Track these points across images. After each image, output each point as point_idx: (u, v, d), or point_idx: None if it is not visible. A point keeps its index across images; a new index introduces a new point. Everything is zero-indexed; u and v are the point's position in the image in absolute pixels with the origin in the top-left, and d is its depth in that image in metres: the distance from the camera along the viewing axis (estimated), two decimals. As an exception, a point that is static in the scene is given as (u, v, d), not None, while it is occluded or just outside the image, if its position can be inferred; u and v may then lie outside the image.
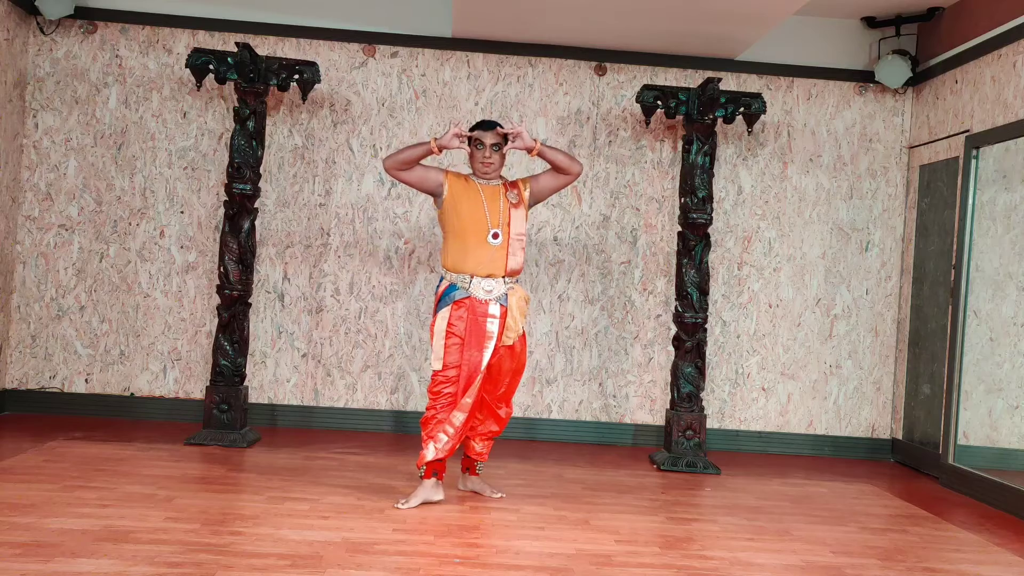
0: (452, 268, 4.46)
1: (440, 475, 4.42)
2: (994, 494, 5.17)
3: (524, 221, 4.53)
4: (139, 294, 6.21)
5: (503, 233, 4.43)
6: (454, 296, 4.41)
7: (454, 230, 4.47)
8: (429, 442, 4.34)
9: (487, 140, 4.49)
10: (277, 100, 6.22)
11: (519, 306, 4.51)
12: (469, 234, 4.43)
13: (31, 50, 6.18)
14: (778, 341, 6.47)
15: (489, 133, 4.50)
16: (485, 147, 4.49)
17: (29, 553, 3.33)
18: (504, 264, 4.45)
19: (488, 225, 4.43)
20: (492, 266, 4.43)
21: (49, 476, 4.47)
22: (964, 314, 5.60)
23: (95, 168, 6.19)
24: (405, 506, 4.31)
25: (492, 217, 4.45)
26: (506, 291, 4.46)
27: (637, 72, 6.41)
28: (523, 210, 4.54)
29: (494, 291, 4.43)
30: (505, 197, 4.50)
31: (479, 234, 4.42)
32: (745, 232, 6.45)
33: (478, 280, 4.41)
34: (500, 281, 4.44)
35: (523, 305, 4.54)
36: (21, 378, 6.18)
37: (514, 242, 4.47)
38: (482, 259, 4.42)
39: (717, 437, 6.38)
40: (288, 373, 6.27)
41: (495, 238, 4.42)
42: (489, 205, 4.46)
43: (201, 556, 3.41)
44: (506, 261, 4.45)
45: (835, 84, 6.50)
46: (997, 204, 5.64)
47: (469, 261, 4.42)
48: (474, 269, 4.42)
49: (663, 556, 3.83)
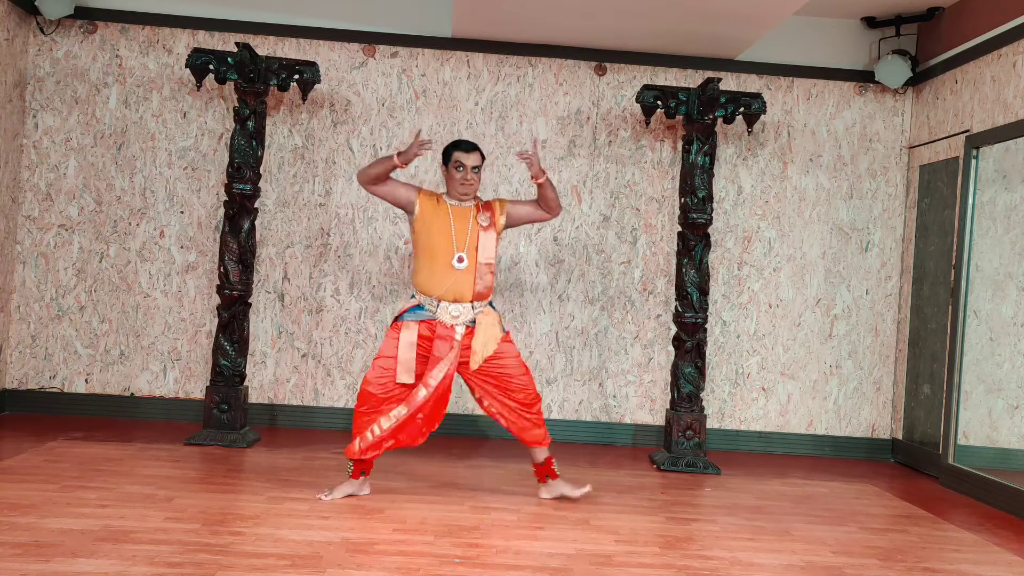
0: (420, 289, 4.42)
1: (367, 472, 4.45)
2: (994, 494, 5.17)
3: (494, 245, 4.45)
4: (139, 294, 6.21)
5: (469, 258, 4.37)
6: (421, 316, 4.38)
7: (422, 250, 4.43)
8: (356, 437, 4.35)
9: (468, 162, 4.41)
10: (277, 100, 6.22)
11: (489, 331, 4.43)
12: (436, 256, 4.38)
13: (31, 50, 6.18)
14: (778, 341, 6.47)
15: (471, 155, 4.42)
16: (466, 169, 4.41)
17: (29, 553, 3.33)
18: (471, 289, 4.39)
19: (454, 249, 4.37)
20: (458, 291, 4.37)
21: (49, 476, 4.47)
22: (964, 314, 5.60)
23: (95, 168, 6.19)
24: (329, 497, 4.33)
25: (459, 240, 4.39)
26: (475, 315, 4.41)
27: (637, 72, 6.41)
28: (493, 233, 4.46)
29: (461, 316, 4.38)
30: (475, 219, 4.43)
31: (446, 257, 4.36)
32: (745, 232, 6.46)
33: (445, 304, 4.37)
34: (468, 306, 4.39)
35: (494, 330, 4.45)
36: (21, 378, 6.18)
37: (481, 266, 4.40)
38: (448, 283, 4.36)
39: (717, 437, 6.38)
40: (288, 373, 6.27)
41: (460, 262, 4.36)
42: (457, 227, 4.39)
43: (201, 556, 3.41)
44: (473, 286, 4.39)
45: (835, 84, 6.50)
46: (997, 204, 5.64)
47: (435, 284, 4.37)
48: (441, 293, 4.37)
49: (663, 556, 3.83)
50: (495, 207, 4.55)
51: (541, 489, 4.66)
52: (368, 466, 4.45)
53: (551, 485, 4.65)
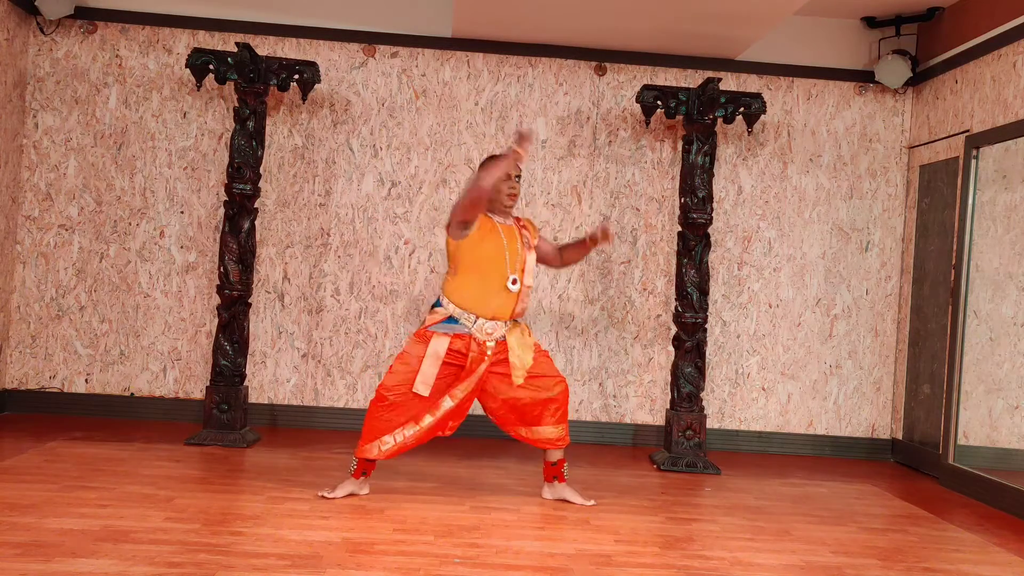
0: (461, 305, 4.28)
1: (368, 473, 4.43)
2: (994, 494, 5.17)
3: (535, 265, 4.39)
4: (139, 294, 6.21)
5: (520, 279, 4.29)
6: (455, 329, 4.28)
7: (471, 268, 4.28)
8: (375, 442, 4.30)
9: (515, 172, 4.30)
10: (277, 100, 6.22)
11: (520, 342, 4.37)
12: (489, 276, 4.26)
13: (31, 50, 6.18)
14: (778, 341, 6.47)
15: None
16: (510, 177, 4.29)
17: (29, 553, 3.33)
18: (512, 309, 4.33)
19: (508, 270, 4.27)
20: (501, 311, 4.30)
21: (49, 476, 4.47)
22: (964, 314, 5.60)
23: (95, 168, 6.19)
24: (331, 495, 4.33)
25: (512, 261, 4.28)
26: (504, 332, 4.36)
27: (637, 72, 6.41)
28: (534, 254, 4.40)
29: (495, 333, 4.32)
30: (520, 237, 4.34)
31: (499, 279, 4.25)
32: (745, 232, 6.46)
33: (482, 322, 4.29)
34: (503, 324, 4.33)
35: (525, 339, 4.40)
36: (21, 378, 6.18)
37: (525, 288, 4.34)
38: (494, 304, 4.28)
39: (717, 437, 6.38)
40: (288, 373, 6.27)
41: (514, 284, 4.27)
42: (509, 247, 4.29)
43: (201, 556, 3.41)
44: (515, 307, 4.33)
45: (835, 84, 6.50)
46: (997, 204, 5.64)
47: (483, 304, 4.27)
48: (482, 312, 4.27)
49: (663, 556, 3.83)
50: (530, 227, 4.49)
51: (545, 488, 4.65)
52: (371, 467, 4.45)
53: (556, 487, 4.62)
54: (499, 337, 4.33)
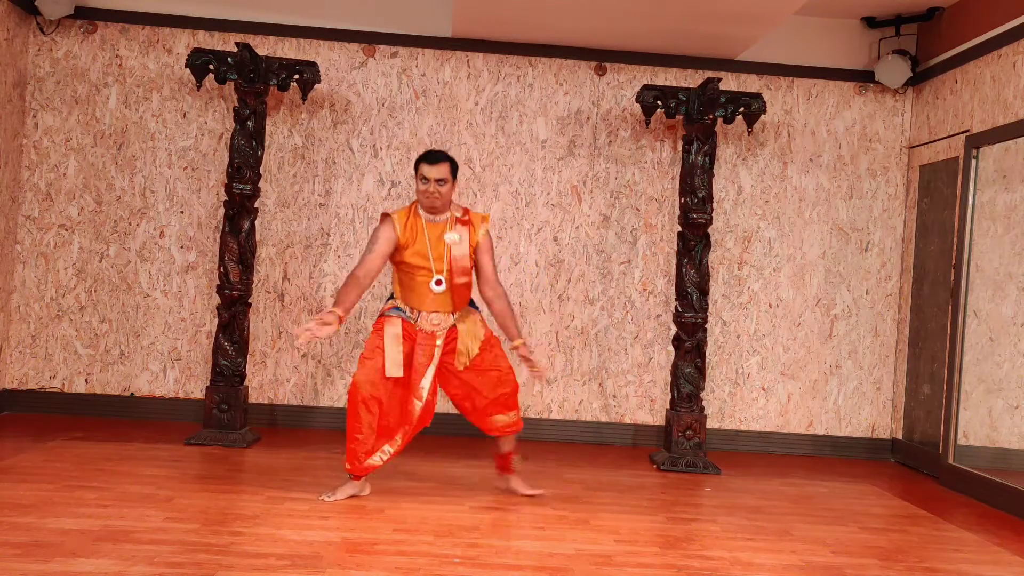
0: (403, 300, 4.43)
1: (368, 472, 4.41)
2: (994, 494, 5.17)
3: (469, 263, 4.39)
4: (139, 294, 6.21)
5: (445, 279, 4.34)
6: (404, 315, 4.38)
7: (401, 268, 4.41)
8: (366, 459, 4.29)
9: (431, 175, 4.33)
10: (277, 100, 6.22)
11: (471, 331, 4.43)
12: (414, 277, 4.37)
13: (31, 50, 6.18)
14: (778, 341, 6.47)
15: (436, 167, 4.33)
16: (430, 181, 4.32)
17: (29, 553, 3.33)
18: (451, 304, 4.41)
19: (432, 271, 4.34)
20: (438, 305, 4.39)
21: (49, 476, 4.47)
22: (964, 314, 5.60)
23: (95, 168, 6.19)
24: (332, 499, 4.31)
25: (436, 261, 4.34)
26: (454, 321, 4.42)
27: (637, 72, 6.41)
28: (467, 248, 4.38)
29: (441, 324, 4.40)
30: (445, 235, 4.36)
31: (424, 279, 4.35)
32: (745, 232, 6.46)
33: (426, 315, 4.39)
34: (448, 316, 4.41)
35: (476, 328, 4.44)
36: (21, 378, 6.18)
37: (458, 286, 4.39)
38: (427, 300, 4.38)
39: (717, 437, 6.38)
40: (288, 373, 6.27)
41: (438, 285, 4.34)
42: (433, 247, 4.36)
43: (201, 556, 3.41)
44: (452, 302, 4.41)
45: (835, 84, 6.50)
46: (997, 204, 5.64)
47: (415, 301, 4.39)
48: (423, 307, 4.38)
49: (663, 556, 3.83)
50: (476, 225, 4.47)
51: (502, 479, 4.75)
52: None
53: (506, 479, 4.73)
54: (447, 326, 4.41)
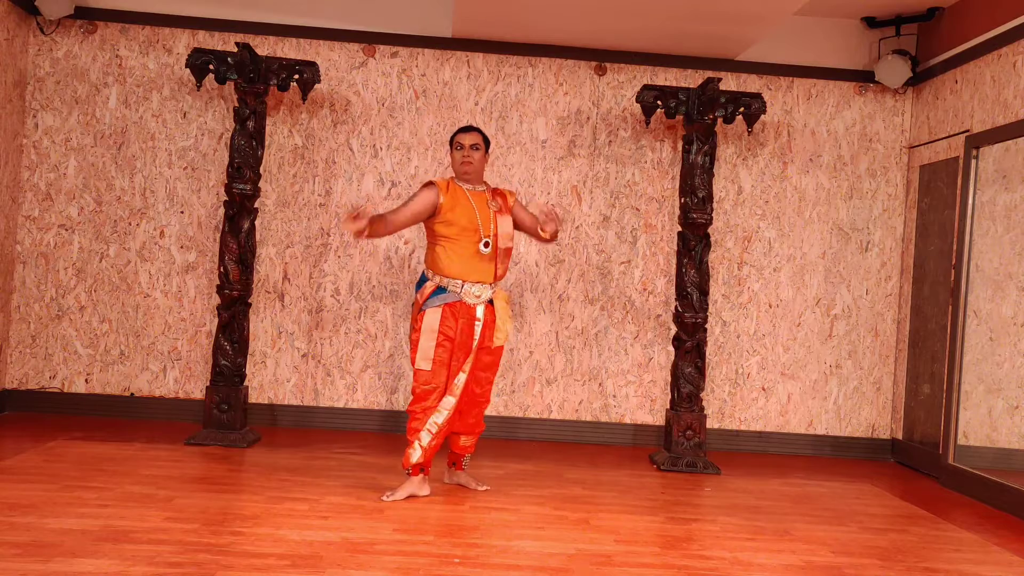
0: (443, 273, 4.50)
1: (427, 470, 4.52)
2: (994, 494, 5.17)
3: (511, 227, 4.60)
4: (139, 294, 6.21)
5: (492, 242, 4.51)
6: (445, 298, 4.46)
7: (446, 235, 4.51)
8: (415, 442, 4.42)
9: (466, 141, 4.57)
10: (277, 100, 6.22)
11: (504, 308, 4.59)
12: (463, 242, 4.49)
13: (31, 50, 6.18)
14: (778, 341, 6.47)
15: (469, 135, 4.59)
16: (464, 147, 4.56)
17: (29, 553, 3.33)
18: (493, 272, 4.55)
19: (481, 234, 4.49)
20: (482, 274, 4.51)
21: (49, 476, 4.47)
22: (964, 314, 5.60)
23: (95, 168, 6.19)
24: (391, 498, 4.40)
25: (484, 225, 4.51)
26: (491, 295, 4.55)
27: (637, 72, 6.41)
28: (509, 217, 4.60)
29: (482, 296, 4.52)
30: (488, 205, 4.56)
31: (472, 243, 4.49)
32: (745, 232, 6.46)
33: (469, 285, 4.48)
34: (488, 287, 4.53)
35: (506, 307, 4.62)
36: (21, 378, 6.18)
37: (502, 251, 4.55)
38: (474, 267, 4.49)
39: (717, 437, 6.38)
40: (288, 373, 6.27)
41: (486, 247, 4.49)
42: (480, 213, 4.52)
43: (201, 556, 3.41)
44: (495, 269, 4.55)
45: (835, 84, 6.50)
46: (997, 204, 5.64)
47: (462, 268, 4.48)
48: (466, 275, 4.48)
49: (663, 556, 3.83)
50: (506, 195, 4.68)
51: (446, 474, 4.86)
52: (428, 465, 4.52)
53: (457, 474, 4.83)
54: (487, 299, 4.52)
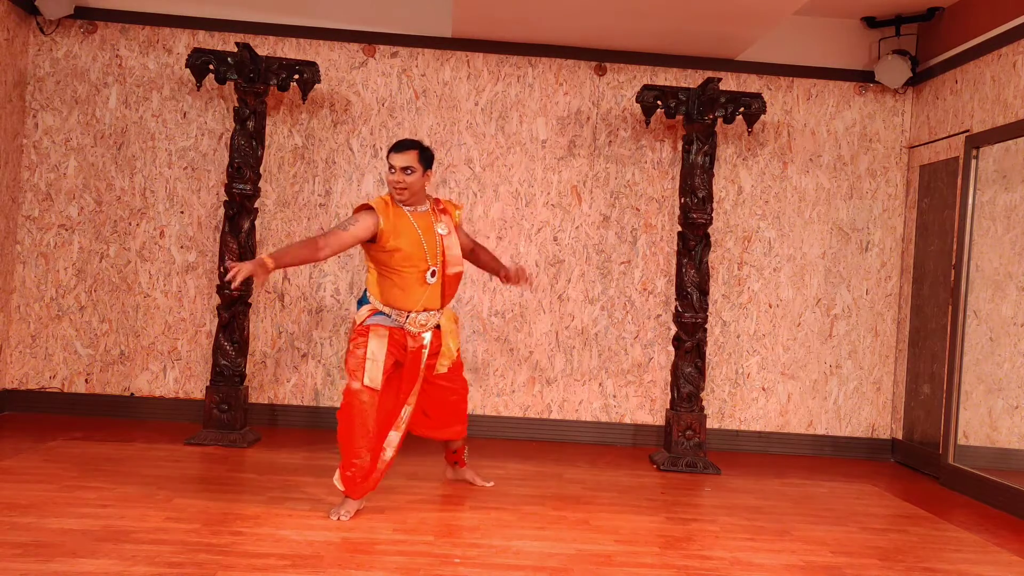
0: (386, 303, 4.18)
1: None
2: (994, 494, 5.17)
3: (458, 248, 4.29)
4: (139, 294, 6.21)
5: (438, 269, 4.21)
6: (388, 323, 4.16)
7: (388, 267, 4.16)
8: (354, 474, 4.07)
9: (396, 163, 4.14)
10: (277, 100, 6.22)
11: (450, 329, 4.35)
12: (407, 272, 4.15)
13: (31, 50, 6.18)
14: (778, 341, 6.47)
15: (401, 155, 4.15)
16: (396, 170, 4.14)
17: (29, 553, 3.33)
18: (439, 298, 4.26)
19: (428, 262, 4.17)
20: (429, 302, 4.21)
21: (49, 476, 4.47)
22: (964, 314, 5.60)
23: (95, 168, 6.19)
24: (346, 518, 4.06)
25: (431, 252, 4.18)
26: (438, 319, 4.31)
27: (637, 72, 6.41)
28: (454, 237, 4.28)
29: (428, 322, 4.25)
30: (434, 227, 4.22)
31: (418, 272, 4.16)
32: (745, 232, 6.46)
33: (414, 315, 4.20)
34: (435, 313, 4.27)
35: (454, 327, 4.38)
36: (21, 378, 6.18)
37: (450, 277, 4.26)
38: (420, 296, 4.18)
39: (717, 437, 6.38)
40: (288, 373, 6.27)
41: (432, 276, 4.18)
42: (426, 238, 4.18)
43: (201, 556, 3.41)
44: (442, 296, 4.27)
45: (835, 84, 6.50)
46: (997, 204, 5.64)
47: (407, 299, 4.17)
48: (411, 306, 4.18)
49: (663, 556, 3.83)
50: (451, 211, 4.37)
51: (449, 471, 4.88)
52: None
53: (458, 471, 4.85)
54: (433, 325, 4.28)
